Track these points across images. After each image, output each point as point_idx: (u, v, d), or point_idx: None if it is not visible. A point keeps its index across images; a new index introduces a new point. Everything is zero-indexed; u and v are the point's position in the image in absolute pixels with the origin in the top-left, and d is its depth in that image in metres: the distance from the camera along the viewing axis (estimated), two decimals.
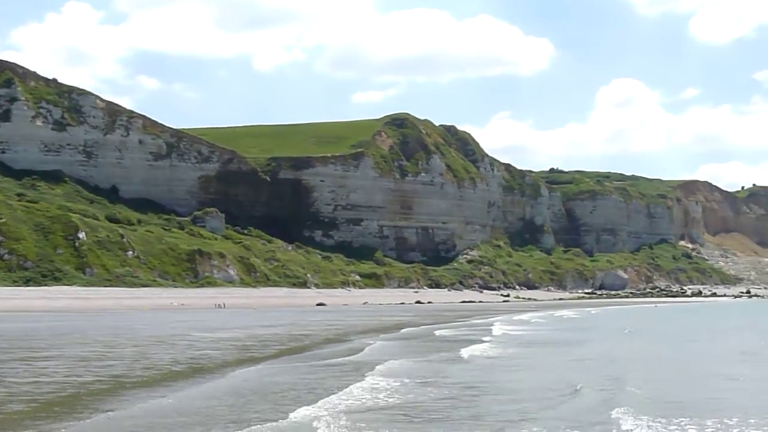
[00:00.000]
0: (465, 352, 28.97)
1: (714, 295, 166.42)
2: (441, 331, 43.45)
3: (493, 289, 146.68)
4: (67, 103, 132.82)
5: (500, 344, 34.72)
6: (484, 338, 37.73)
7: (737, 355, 31.51)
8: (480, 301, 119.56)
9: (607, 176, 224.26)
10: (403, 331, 44.48)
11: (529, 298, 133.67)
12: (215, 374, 22.77)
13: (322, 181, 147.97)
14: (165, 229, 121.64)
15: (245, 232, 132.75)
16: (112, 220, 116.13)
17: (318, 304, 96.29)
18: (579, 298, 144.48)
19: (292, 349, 32.22)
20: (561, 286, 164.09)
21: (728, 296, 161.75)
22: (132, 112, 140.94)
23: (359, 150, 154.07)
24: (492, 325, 49.84)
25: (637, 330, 47.49)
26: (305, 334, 42.22)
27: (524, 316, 64.00)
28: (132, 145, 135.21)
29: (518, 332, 43.29)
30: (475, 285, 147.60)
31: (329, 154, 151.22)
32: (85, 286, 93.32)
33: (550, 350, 31.34)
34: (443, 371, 23.78)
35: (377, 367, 23.65)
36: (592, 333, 44.21)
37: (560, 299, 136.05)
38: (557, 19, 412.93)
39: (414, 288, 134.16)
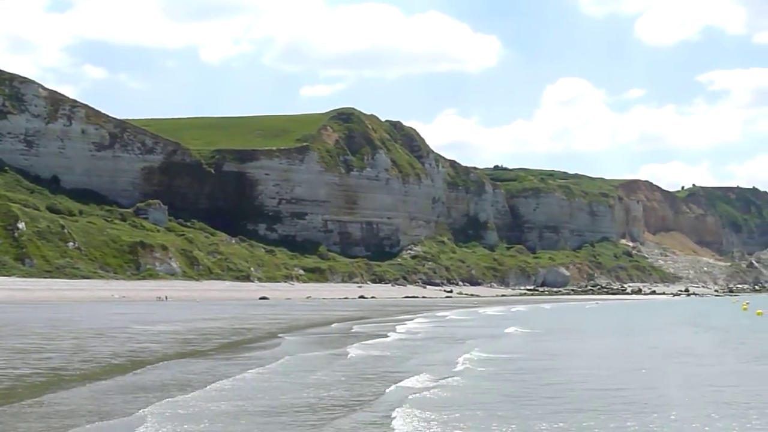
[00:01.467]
0: (353, 350, 28.24)
1: (653, 293, 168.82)
2: (359, 327, 42.95)
3: (437, 284, 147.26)
4: (8, 90, 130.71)
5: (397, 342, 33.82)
6: (389, 334, 37.29)
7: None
8: (423, 297, 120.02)
9: (551, 174, 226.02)
10: (333, 326, 44.27)
11: (472, 295, 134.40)
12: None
13: (266, 174, 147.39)
14: (107, 221, 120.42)
15: (188, 224, 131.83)
16: (53, 210, 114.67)
17: (261, 298, 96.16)
18: (521, 294, 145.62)
19: (233, 343, 32.07)
20: (504, 283, 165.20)
21: (667, 294, 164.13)
22: (75, 101, 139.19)
23: (304, 144, 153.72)
24: (407, 322, 49.29)
25: (549, 328, 47.36)
26: (247, 327, 42.08)
27: (449, 313, 63.91)
28: (74, 135, 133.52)
29: (422, 329, 42.84)
30: (419, 280, 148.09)
31: (274, 148, 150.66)
32: (24, 277, 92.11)
33: (436, 348, 30.91)
34: (319, 366, 23.31)
35: (268, 365, 22.97)
36: (493, 329, 43.91)
37: (503, 296, 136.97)
38: (506, 18, 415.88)
39: (358, 283, 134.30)
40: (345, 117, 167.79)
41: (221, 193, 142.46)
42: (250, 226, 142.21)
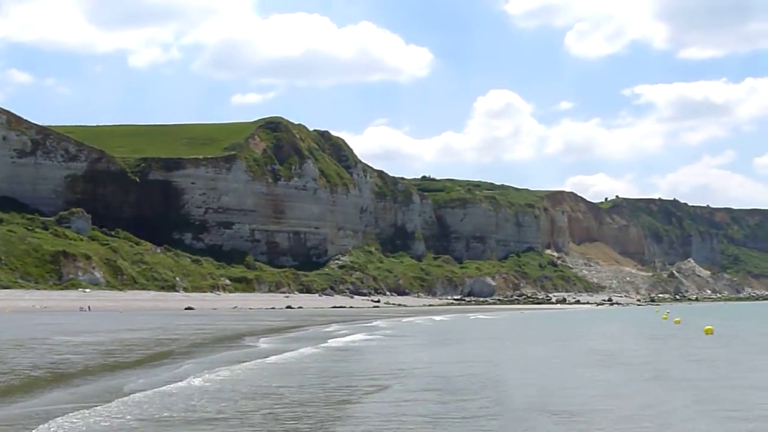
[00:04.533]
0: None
1: (578, 302, 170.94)
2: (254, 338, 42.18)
3: (364, 294, 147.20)
4: None
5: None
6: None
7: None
8: (351, 307, 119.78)
9: (478, 185, 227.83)
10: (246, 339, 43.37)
11: (399, 304, 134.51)
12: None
13: (193, 183, 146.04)
14: (28, 229, 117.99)
15: (113, 233, 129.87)
16: None
17: (186, 308, 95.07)
18: (448, 304, 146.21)
19: (157, 354, 31.58)
20: (431, 293, 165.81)
21: (591, 304, 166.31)
22: None
23: (232, 153, 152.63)
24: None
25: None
26: (172, 338, 41.50)
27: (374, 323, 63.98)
28: None
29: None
30: (347, 290, 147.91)
31: (201, 157, 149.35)
32: None
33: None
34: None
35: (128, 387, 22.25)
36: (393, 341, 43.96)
37: (429, 305, 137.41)
38: (438, 29, 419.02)
39: (285, 293, 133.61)
40: (273, 126, 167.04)
41: (147, 202, 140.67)
42: (176, 236, 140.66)
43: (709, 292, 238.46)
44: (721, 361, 30.12)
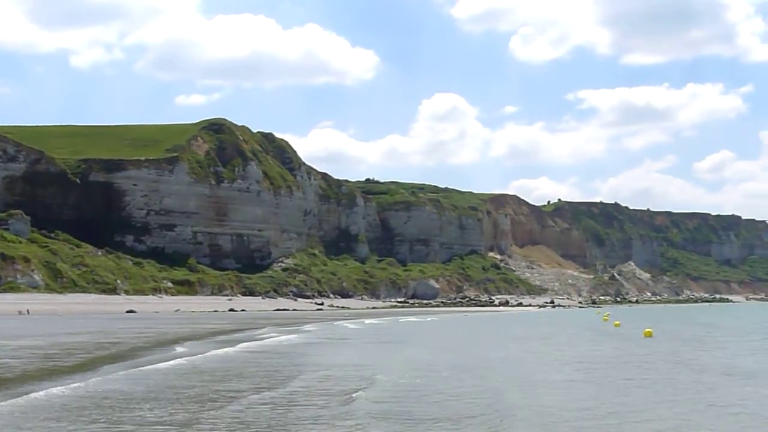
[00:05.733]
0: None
1: (520, 304, 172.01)
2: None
3: (308, 297, 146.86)
4: None
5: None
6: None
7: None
8: (294, 309, 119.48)
9: (422, 188, 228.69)
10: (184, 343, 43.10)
11: (343, 307, 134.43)
12: None
13: (134, 185, 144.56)
14: None
15: (52, 235, 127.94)
16: None
17: (128, 311, 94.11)
18: (392, 306, 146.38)
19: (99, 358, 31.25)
20: (375, 295, 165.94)
21: (534, 306, 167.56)
22: None
23: (174, 154, 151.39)
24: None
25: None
26: (112, 342, 41.10)
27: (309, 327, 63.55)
28: None
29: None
30: (290, 293, 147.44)
31: (143, 158, 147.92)
32: None
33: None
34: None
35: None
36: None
37: (373, 308, 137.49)
38: (384, 32, 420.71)
39: (228, 296, 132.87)
40: (216, 128, 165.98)
41: (87, 204, 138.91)
42: (118, 238, 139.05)
43: (649, 294, 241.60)
44: (661, 363, 30.59)
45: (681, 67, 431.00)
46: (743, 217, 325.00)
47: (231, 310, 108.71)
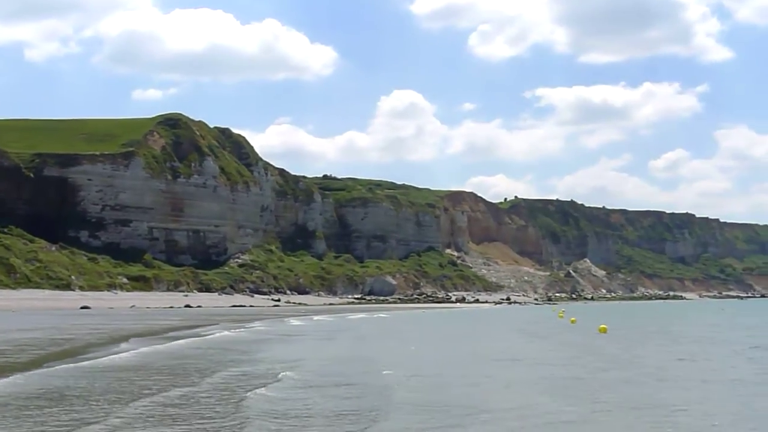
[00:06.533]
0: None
1: (477, 301, 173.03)
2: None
3: (264, 293, 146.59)
4: None
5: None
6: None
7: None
8: (250, 306, 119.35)
9: (379, 184, 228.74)
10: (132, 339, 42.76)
11: (300, 303, 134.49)
12: None
13: (89, 180, 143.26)
14: None
15: (5, 230, 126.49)
16: None
17: (82, 308, 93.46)
18: (349, 303, 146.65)
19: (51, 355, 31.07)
20: (332, 291, 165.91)
21: (490, 302, 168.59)
22: None
23: (130, 149, 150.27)
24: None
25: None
26: (66, 338, 40.88)
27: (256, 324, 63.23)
28: None
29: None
30: (246, 289, 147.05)
31: (98, 153, 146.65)
32: None
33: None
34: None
35: None
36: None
37: (330, 304, 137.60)
38: (343, 28, 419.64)
39: (184, 292, 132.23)
40: (172, 123, 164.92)
41: (41, 199, 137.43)
42: (72, 233, 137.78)
43: (604, 291, 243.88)
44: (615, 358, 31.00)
45: (638, 67, 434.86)
46: (697, 216, 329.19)
47: (187, 306, 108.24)
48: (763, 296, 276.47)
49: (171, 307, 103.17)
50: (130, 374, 24.20)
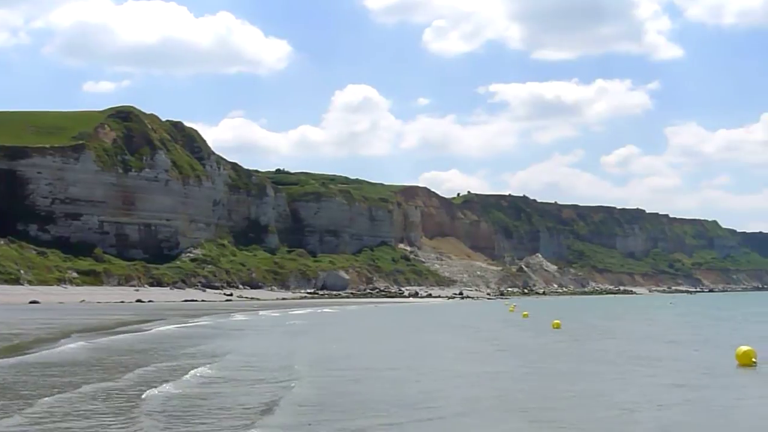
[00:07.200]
0: None
1: (429, 296, 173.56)
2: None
3: (217, 288, 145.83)
4: None
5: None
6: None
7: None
8: (202, 300, 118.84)
9: (333, 179, 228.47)
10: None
11: (252, 298, 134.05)
12: None
13: (39, 172, 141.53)
14: None
15: None
16: None
17: (31, 302, 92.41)
18: (302, 297, 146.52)
19: None
20: (284, 286, 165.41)
21: (443, 297, 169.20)
22: None
23: (80, 142, 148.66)
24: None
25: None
26: (15, 333, 40.44)
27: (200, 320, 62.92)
28: None
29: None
30: (199, 284, 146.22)
31: (48, 145, 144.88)
32: None
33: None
34: None
35: None
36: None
37: (283, 299, 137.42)
38: (298, 22, 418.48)
39: (135, 286, 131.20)
40: (124, 115, 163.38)
41: None
42: (21, 227, 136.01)
43: (555, 286, 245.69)
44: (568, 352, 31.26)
45: (590, 63, 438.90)
46: (647, 211, 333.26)
47: (138, 301, 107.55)
48: (711, 291, 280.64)
49: (122, 302, 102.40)
50: (59, 369, 23.90)
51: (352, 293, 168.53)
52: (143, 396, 18.23)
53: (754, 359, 24.86)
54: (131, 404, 17.49)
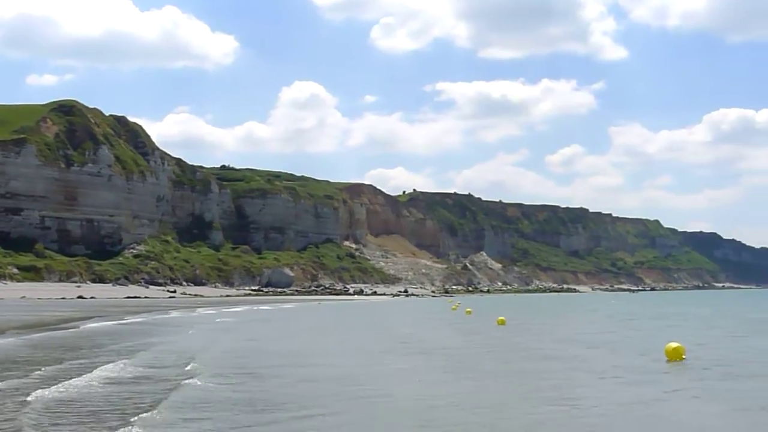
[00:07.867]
0: None
1: (375, 293, 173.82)
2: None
3: (160, 284, 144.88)
4: None
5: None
6: None
7: None
8: (146, 297, 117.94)
9: (278, 176, 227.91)
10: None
11: (196, 295, 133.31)
12: None
13: None
14: None
15: None
16: None
17: None
18: (246, 294, 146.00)
19: None
20: (229, 283, 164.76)
21: (388, 295, 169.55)
22: None
23: (22, 136, 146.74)
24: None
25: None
26: None
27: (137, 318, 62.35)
28: None
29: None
30: (142, 280, 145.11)
31: None
32: None
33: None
34: None
35: None
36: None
37: (227, 296, 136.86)
38: (245, 18, 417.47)
39: (77, 282, 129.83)
40: (66, 109, 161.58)
41: None
42: None
43: (500, 284, 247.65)
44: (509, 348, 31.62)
45: (537, 63, 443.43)
46: (591, 210, 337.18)
47: (80, 297, 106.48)
48: (653, 289, 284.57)
49: (63, 299, 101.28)
50: None
51: (296, 290, 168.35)
52: (29, 397, 17.79)
53: (683, 355, 25.50)
54: (17, 403, 17.15)
